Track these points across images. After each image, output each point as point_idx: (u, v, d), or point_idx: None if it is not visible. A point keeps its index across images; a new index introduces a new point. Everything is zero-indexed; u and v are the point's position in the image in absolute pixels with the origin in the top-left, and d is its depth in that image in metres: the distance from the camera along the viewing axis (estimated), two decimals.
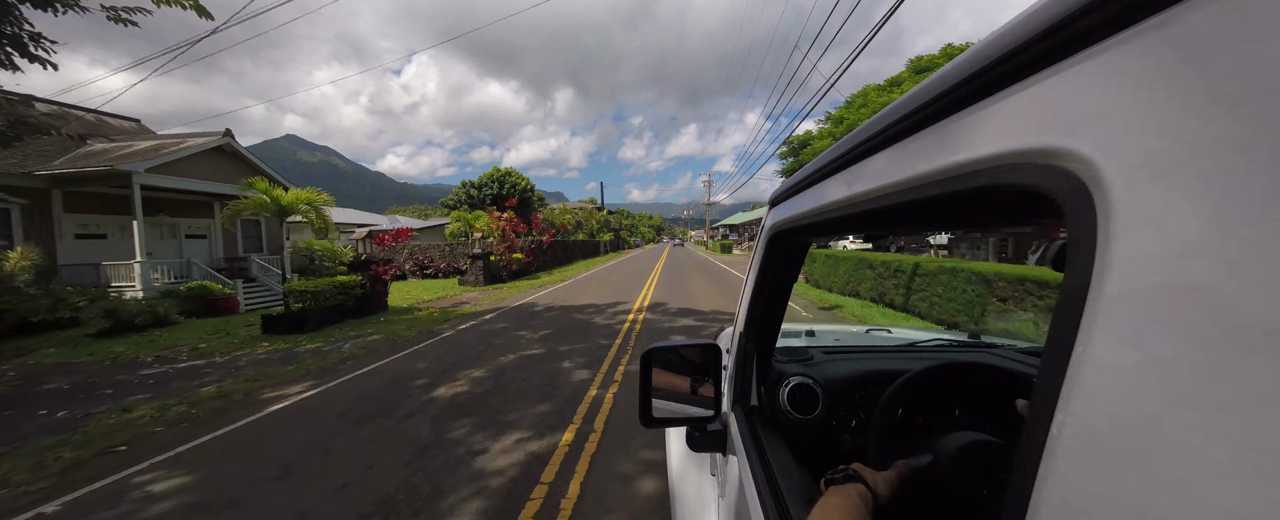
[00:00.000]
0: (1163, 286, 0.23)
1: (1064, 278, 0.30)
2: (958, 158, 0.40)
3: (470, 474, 3.06)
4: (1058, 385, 0.28)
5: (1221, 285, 0.21)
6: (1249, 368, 0.20)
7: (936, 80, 0.44)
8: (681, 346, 1.21)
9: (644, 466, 3.11)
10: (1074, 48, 0.30)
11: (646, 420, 1.13)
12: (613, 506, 2.68)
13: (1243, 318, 0.20)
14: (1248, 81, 0.21)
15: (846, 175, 0.66)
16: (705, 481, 1.55)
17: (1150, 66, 0.25)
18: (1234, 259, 0.21)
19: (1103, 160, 0.27)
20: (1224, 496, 0.20)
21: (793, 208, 0.93)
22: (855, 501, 0.69)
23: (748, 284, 1.26)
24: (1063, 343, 0.28)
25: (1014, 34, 0.34)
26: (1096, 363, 0.26)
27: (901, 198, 0.49)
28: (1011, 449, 0.49)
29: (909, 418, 1.08)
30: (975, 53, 0.38)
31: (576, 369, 5.48)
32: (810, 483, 0.87)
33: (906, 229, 0.56)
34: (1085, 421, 0.26)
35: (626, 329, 7.82)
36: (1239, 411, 0.20)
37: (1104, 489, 0.25)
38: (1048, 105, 0.31)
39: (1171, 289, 0.23)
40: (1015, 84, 0.34)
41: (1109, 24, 0.27)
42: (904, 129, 0.50)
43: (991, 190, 0.36)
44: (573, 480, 2.96)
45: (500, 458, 3.28)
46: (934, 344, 1.72)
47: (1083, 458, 0.26)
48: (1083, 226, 0.28)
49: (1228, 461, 0.20)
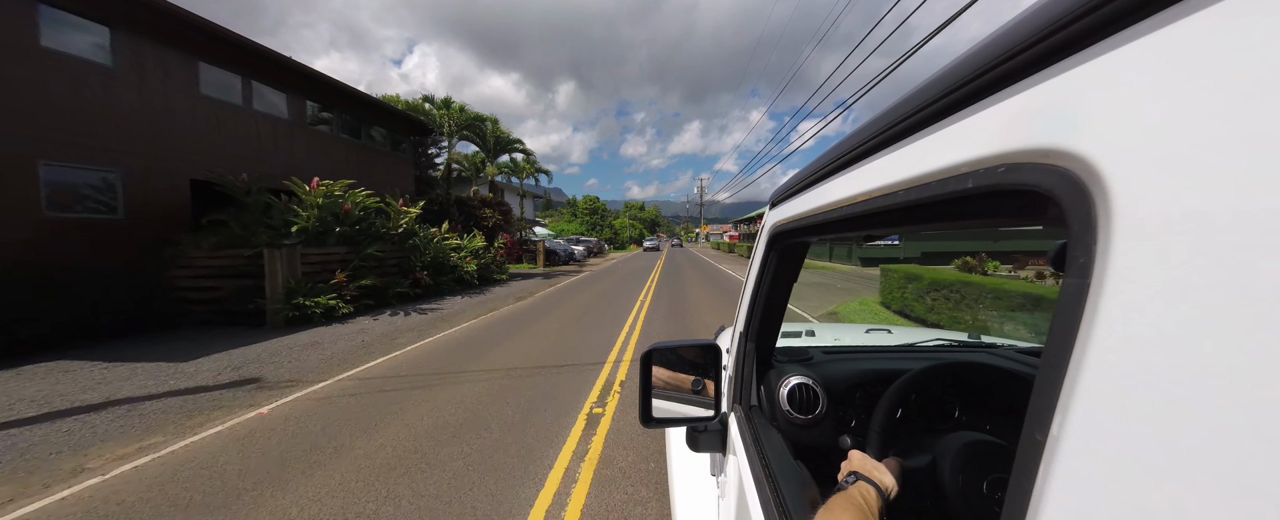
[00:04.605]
0: (1163, 286, 0.23)
1: (1064, 278, 0.30)
2: (958, 158, 0.40)
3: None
4: (1058, 385, 0.28)
5: (1221, 285, 0.21)
6: (1249, 368, 0.20)
7: (937, 80, 0.44)
8: (681, 346, 1.19)
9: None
10: (1074, 48, 0.30)
11: (646, 420, 1.12)
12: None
13: (1243, 317, 0.20)
14: (1248, 81, 0.21)
15: (846, 175, 0.66)
16: (705, 482, 1.55)
17: (1150, 66, 0.25)
18: (1234, 259, 0.21)
19: (1103, 160, 0.27)
20: (1224, 497, 0.20)
21: (793, 208, 0.93)
22: (858, 502, 0.70)
23: (748, 284, 1.26)
24: (1063, 343, 0.28)
25: (1014, 34, 0.34)
26: (1096, 363, 0.26)
27: (901, 198, 0.49)
28: (1011, 449, 0.50)
29: (909, 418, 1.07)
30: (975, 53, 0.38)
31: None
32: (811, 483, 0.86)
33: (907, 229, 0.57)
34: (1085, 421, 0.26)
35: None
36: (1239, 411, 0.20)
37: (1104, 490, 0.25)
38: (1048, 105, 0.31)
39: (1171, 289, 0.23)
40: (1015, 84, 0.34)
41: (1109, 24, 0.27)
42: (904, 129, 0.50)
43: (991, 190, 0.36)
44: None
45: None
46: (933, 344, 1.72)
47: (1083, 458, 0.26)
48: (1083, 226, 0.28)
49: (1228, 462, 0.20)
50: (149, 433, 3.67)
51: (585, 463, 3.12)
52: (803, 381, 1.24)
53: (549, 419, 3.86)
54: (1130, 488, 0.23)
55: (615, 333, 7.36)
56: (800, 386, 1.24)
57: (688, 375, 1.21)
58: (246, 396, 4.50)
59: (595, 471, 3.01)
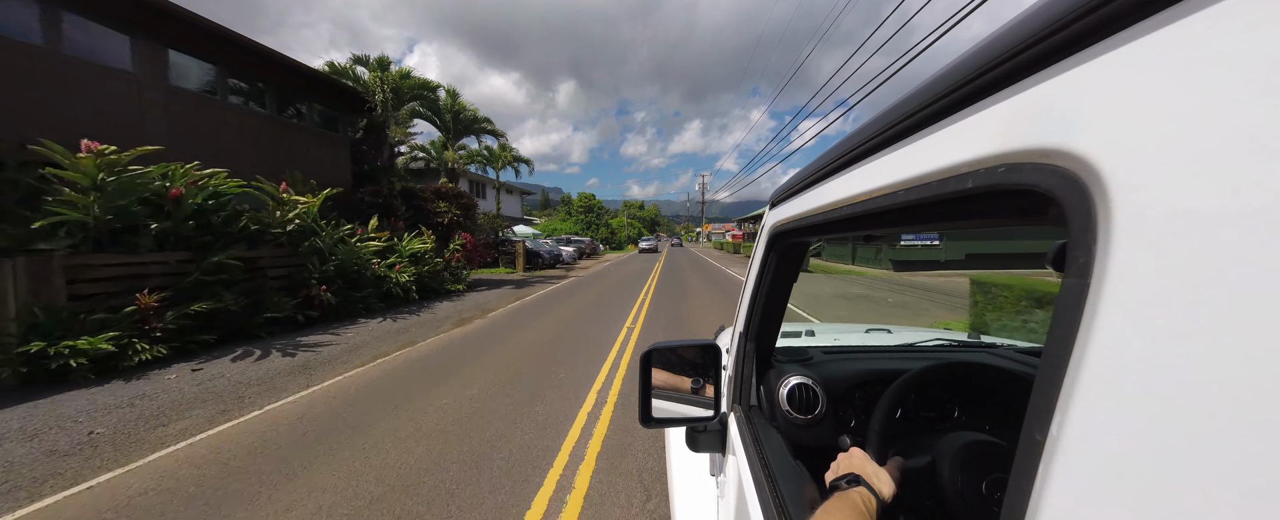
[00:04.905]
0: (1163, 286, 0.23)
1: (1064, 278, 0.29)
2: (958, 158, 0.40)
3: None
4: (1057, 385, 0.28)
5: (1221, 285, 0.21)
6: (1249, 367, 0.20)
7: (936, 80, 0.44)
8: (681, 346, 1.21)
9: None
10: (1074, 48, 0.30)
11: (646, 420, 1.13)
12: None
13: (1242, 317, 0.20)
14: (1247, 81, 0.21)
15: (846, 175, 0.66)
16: (705, 482, 1.55)
17: (1150, 66, 0.25)
18: (1234, 258, 0.21)
19: (1102, 160, 0.27)
20: (1224, 497, 0.20)
21: (793, 208, 0.94)
22: (857, 506, 0.69)
23: (747, 284, 1.27)
24: (1063, 343, 0.28)
25: (1014, 34, 0.34)
26: (1096, 363, 0.26)
27: (901, 198, 0.50)
28: (1011, 449, 0.46)
29: (908, 418, 1.09)
30: (975, 52, 0.38)
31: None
32: (810, 483, 0.87)
33: (907, 229, 0.56)
34: (1085, 421, 0.26)
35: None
36: (1239, 411, 0.20)
37: (1104, 490, 0.25)
38: (1048, 105, 0.31)
39: (1171, 289, 0.23)
40: (1015, 84, 0.34)
41: (1109, 24, 0.27)
42: (904, 129, 0.50)
43: (991, 190, 0.36)
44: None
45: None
46: (933, 344, 1.72)
47: (1082, 458, 0.26)
48: (1083, 226, 0.28)
49: (1228, 462, 0.20)
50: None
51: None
52: (802, 381, 1.24)
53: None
54: (1130, 488, 0.23)
55: (581, 393, 4.42)
56: (800, 386, 1.23)
57: (687, 375, 1.22)
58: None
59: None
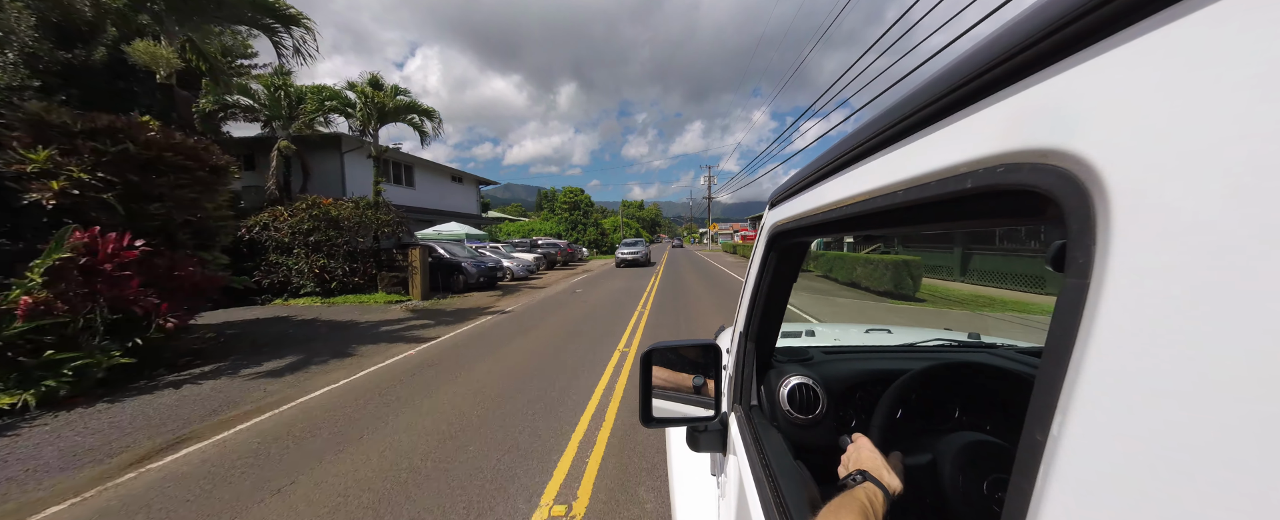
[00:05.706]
0: (1162, 286, 0.23)
1: (1064, 278, 0.30)
2: (958, 158, 0.40)
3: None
4: (1058, 385, 0.28)
5: (1222, 285, 0.21)
6: (1249, 367, 0.20)
7: (936, 80, 0.44)
8: (681, 346, 1.22)
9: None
10: (1074, 48, 0.30)
11: (646, 420, 1.13)
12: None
13: (1242, 317, 0.20)
14: (1247, 81, 0.21)
15: (846, 175, 0.66)
16: (705, 482, 1.55)
17: (1150, 66, 0.25)
18: (1234, 258, 0.21)
19: (1102, 160, 0.27)
20: (1224, 497, 0.20)
21: (793, 208, 0.94)
22: (863, 503, 0.69)
23: (747, 284, 1.28)
24: (1063, 343, 0.28)
25: (1013, 34, 0.34)
26: (1096, 363, 0.26)
27: (901, 198, 0.50)
28: (1011, 449, 0.47)
29: (909, 418, 1.10)
30: (975, 52, 0.38)
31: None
32: (811, 482, 0.87)
33: (906, 229, 0.56)
34: (1085, 421, 0.26)
35: None
36: (1239, 411, 0.20)
37: (1104, 489, 0.25)
38: (1047, 105, 0.31)
39: (1171, 289, 0.23)
40: (1015, 84, 0.34)
41: (1108, 24, 0.27)
42: (904, 129, 0.50)
43: (991, 190, 0.36)
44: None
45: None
46: (933, 344, 1.72)
47: (1083, 458, 0.26)
48: (1082, 227, 0.28)
49: (1228, 462, 0.20)
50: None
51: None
52: (803, 381, 1.24)
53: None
54: (1130, 488, 0.23)
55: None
56: (800, 386, 1.23)
57: (688, 375, 1.23)
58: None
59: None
